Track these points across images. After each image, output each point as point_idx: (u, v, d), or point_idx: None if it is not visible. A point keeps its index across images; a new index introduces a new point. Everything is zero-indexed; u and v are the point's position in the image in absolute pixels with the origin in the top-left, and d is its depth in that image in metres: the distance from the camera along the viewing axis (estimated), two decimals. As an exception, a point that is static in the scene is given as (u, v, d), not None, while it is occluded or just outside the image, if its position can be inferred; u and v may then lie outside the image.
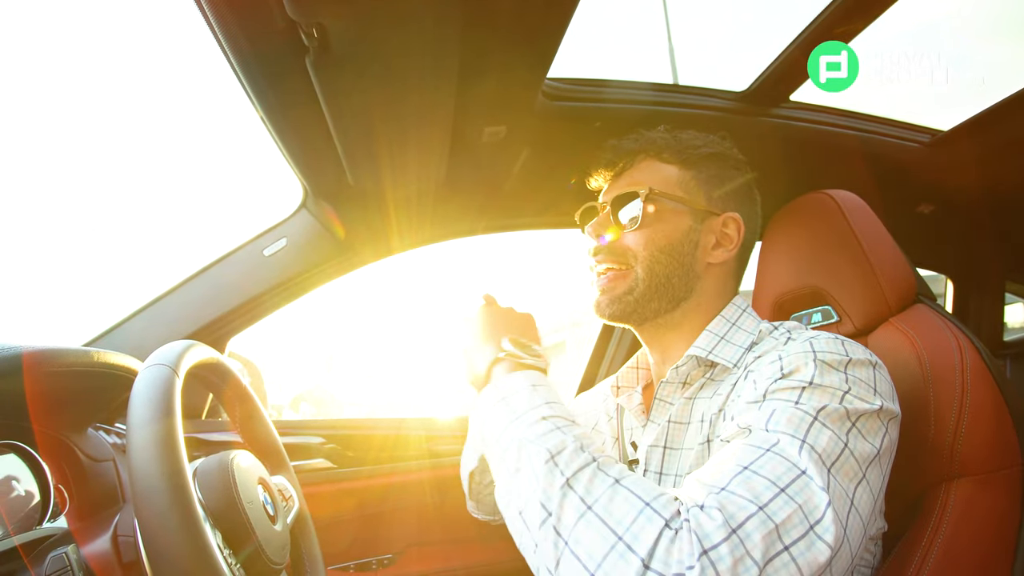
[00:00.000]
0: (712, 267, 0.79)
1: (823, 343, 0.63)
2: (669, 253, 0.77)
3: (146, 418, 0.53)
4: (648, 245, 0.77)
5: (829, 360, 0.60)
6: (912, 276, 0.84)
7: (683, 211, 0.78)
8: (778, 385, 0.58)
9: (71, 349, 0.77)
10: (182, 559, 0.48)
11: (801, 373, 0.59)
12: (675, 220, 0.78)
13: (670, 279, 0.77)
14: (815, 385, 0.57)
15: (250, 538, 0.62)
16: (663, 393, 0.80)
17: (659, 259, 0.77)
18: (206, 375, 0.80)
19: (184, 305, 1.18)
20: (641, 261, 0.77)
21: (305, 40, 0.66)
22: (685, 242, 0.77)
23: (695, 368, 0.76)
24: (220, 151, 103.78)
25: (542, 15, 0.74)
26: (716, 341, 0.75)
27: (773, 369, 0.61)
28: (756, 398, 0.59)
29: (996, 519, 0.68)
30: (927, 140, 1.24)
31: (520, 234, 1.43)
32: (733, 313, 0.79)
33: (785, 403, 0.56)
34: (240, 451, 0.73)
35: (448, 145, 0.96)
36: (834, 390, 0.57)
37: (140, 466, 0.50)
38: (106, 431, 0.93)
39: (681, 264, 0.77)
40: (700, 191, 0.79)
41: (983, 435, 0.68)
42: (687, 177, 0.79)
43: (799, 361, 0.60)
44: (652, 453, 0.77)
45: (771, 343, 0.72)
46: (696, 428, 0.72)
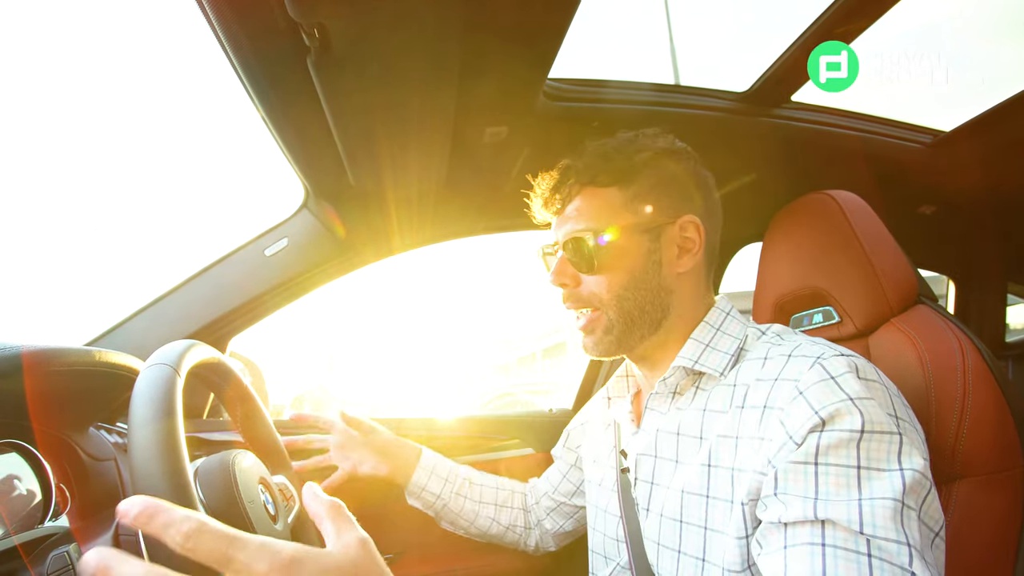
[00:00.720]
0: (683, 276, 0.77)
1: (833, 364, 0.60)
2: (634, 288, 0.74)
3: (147, 417, 0.53)
4: (611, 287, 0.75)
5: (858, 393, 0.57)
6: (913, 277, 0.84)
7: (636, 235, 0.74)
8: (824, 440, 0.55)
9: (72, 348, 0.77)
10: None
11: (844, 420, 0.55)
12: (631, 248, 0.74)
13: (643, 309, 0.75)
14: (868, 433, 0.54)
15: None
16: (654, 403, 0.79)
17: (626, 296, 0.74)
18: (207, 375, 0.80)
19: (185, 305, 1.18)
20: (608, 304, 0.75)
21: (306, 40, 0.66)
22: (647, 266, 0.75)
23: (683, 378, 0.75)
24: (221, 151, 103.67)
25: (543, 15, 0.74)
26: (701, 349, 0.74)
27: (802, 411, 0.57)
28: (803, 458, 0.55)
29: (997, 520, 0.68)
30: (929, 141, 1.24)
31: (520, 234, 1.43)
32: (717, 318, 0.76)
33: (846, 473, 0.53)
34: (241, 451, 0.73)
35: (449, 145, 0.96)
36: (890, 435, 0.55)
37: (141, 465, 0.50)
38: (107, 430, 0.93)
39: (649, 290, 0.75)
40: (647, 205, 0.75)
41: (985, 436, 0.68)
42: (630, 195, 0.75)
43: (827, 397, 0.57)
44: (642, 461, 0.76)
45: (762, 349, 0.70)
46: (693, 444, 0.70)
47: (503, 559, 1.30)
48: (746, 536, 0.60)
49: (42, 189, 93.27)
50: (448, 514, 1.06)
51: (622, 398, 0.90)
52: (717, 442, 0.66)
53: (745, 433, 0.63)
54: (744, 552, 0.59)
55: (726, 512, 0.62)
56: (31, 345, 0.69)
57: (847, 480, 0.53)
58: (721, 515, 0.63)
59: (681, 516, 0.67)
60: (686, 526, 0.67)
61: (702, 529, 0.65)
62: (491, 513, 1.07)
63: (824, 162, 1.23)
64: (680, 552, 0.67)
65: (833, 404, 0.56)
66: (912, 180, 1.34)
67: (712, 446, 0.66)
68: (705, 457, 0.66)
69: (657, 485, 0.74)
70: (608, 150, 0.77)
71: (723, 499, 0.63)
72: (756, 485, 0.59)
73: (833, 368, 0.59)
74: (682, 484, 0.68)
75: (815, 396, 0.58)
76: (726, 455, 0.64)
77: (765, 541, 0.56)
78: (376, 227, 1.21)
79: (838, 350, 0.63)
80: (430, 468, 1.05)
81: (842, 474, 0.53)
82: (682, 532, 0.67)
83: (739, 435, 0.64)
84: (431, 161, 1.00)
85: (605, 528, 0.86)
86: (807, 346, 0.65)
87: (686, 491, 0.67)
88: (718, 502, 0.64)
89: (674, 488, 0.70)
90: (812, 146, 1.17)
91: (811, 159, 1.22)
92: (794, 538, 0.53)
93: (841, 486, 0.53)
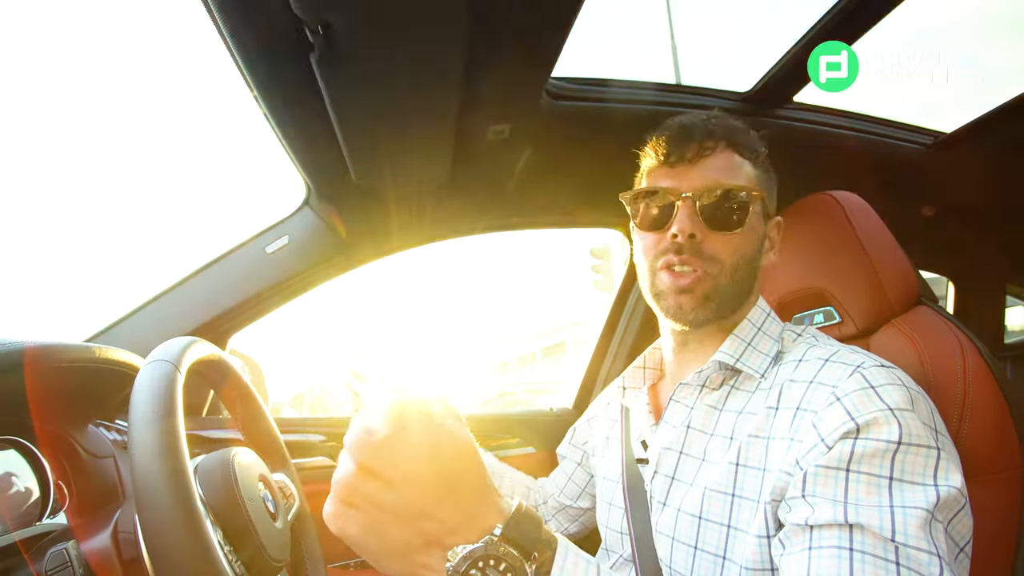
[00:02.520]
0: (762, 269, 0.78)
1: (874, 374, 0.59)
2: (751, 261, 0.73)
3: (148, 414, 0.53)
4: (737, 251, 0.71)
5: (899, 404, 0.56)
6: (914, 278, 0.84)
7: (761, 215, 0.74)
8: (859, 448, 0.54)
9: (73, 345, 0.77)
10: (183, 557, 0.48)
11: (881, 429, 0.54)
12: (758, 224, 0.74)
13: (744, 284, 0.74)
14: (905, 446, 0.53)
15: (251, 535, 0.62)
16: (681, 395, 0.77)
17: (742, 267, 0.72)
18: (208, 372, 0.80)
19: (186, 302, 1.18)
20: (727, 268, 0.71)
21: (310, 38, 0.66)
22: (760, 247, 0.75)
23: (715, 372, 0.74)
24: (223, 148, 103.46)
25: (547, 14, 0.74)
26: (743, 348, 0.72)
27: (837, 415, 0.56)
28: (834, 463, 0.54)
29: (997, 520, 0.68)
30: (930, 142, 1.24)
31: (521, 233, 1.43)
32: (759, 316, 0.76)
33: (878, 482, 0.52)
34: (241, 448, 0.72)
35: (451, 143, 0.96)
36: (928, 449, 0.54)
37: (142, 463, 0.50)
38: (106, 427, 0.93)
39: (755, 270, 0.75)
40: (767, 192, 0.75)
41: (985, 436, 0.68)
42: (759, 176, 0.75)
43: (865, 406, 0.56)
44: (665, 456, 0.75)
45: (798, 351, 0.69)
46: (722, 443, 0.69)
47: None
48: (767, 536, 0.59)
49: (43, 185, 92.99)
50: None
51: (638, 389, 0.89)
52: (748, 442, 0.65)
53: (776, 434, 0.63)
54: (764, 551, 0.59)
55: (752, 511, 0.62)
56: (31, 341, 0.69)
57: (878, 488, 0.52)
58: (747, 514, 0.63)
59: (701, 513, 0.67)
60: (705, 523, 0.66)
61: (724, 527, 0.64)
62: None
63: (825, 163, 1.23)
64: (697, 548, 0.66)
65: (871, 412, 0.55)
66: (913, 181, 1.34)
67: (742, 446, 0.65)
68: (734, 456, 0.66)
69: (678, 481, 0.73)
70: (742, 126, 0.76)
71: (750, 498, 0.63)
72: (781, 485, 0.58)
73: (874, 378, 0.58)
74: (706, 482, 0.67)
75: (853, 403, 0.56)
76: (756, 455, 0.64)
77: (789, 542, 0.55)
78: (377, 225, 1.21)
79: (878, 360, 0.62)
80: None
81: (873, 482, 0.53)
82: (700, 528, 0.66)
83: (770, 435, 0.63)
84: (433, 159, 1.00)
85: (609, 521, 0.86)
86: (846, 353, 0.64)
87: (709, 488, 0.66)
88: (745, 501, 0.63)
89: (697, 485, 0.69)
90: (813, 147, 1.18)
91: (812, 160, 1.22)
92: (820, 540, 0.52)
93: (872, 493, 0.52)
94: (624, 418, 0.90)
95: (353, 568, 1.26)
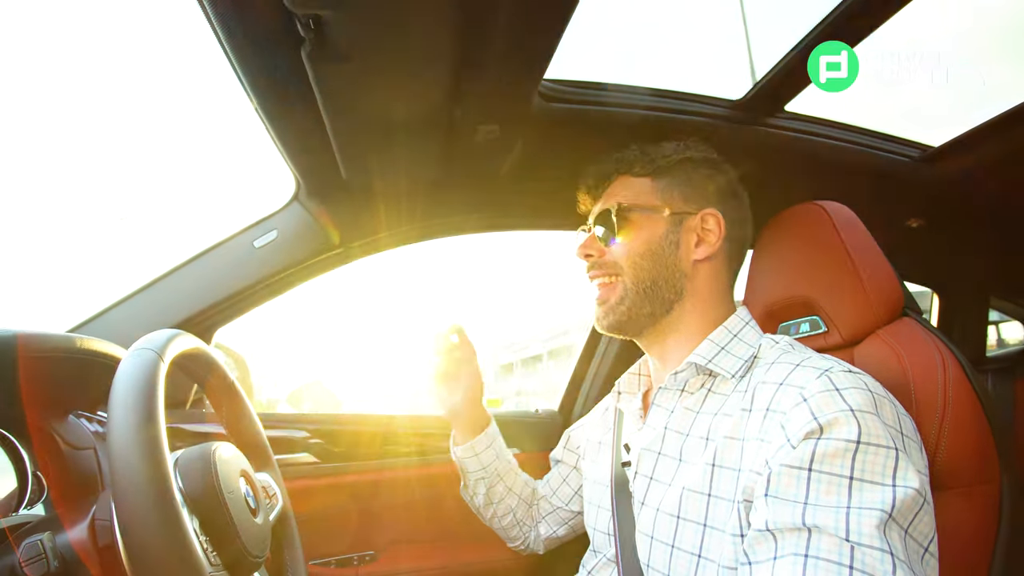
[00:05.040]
0: (700, 264, 0.82)
1: (840, 377, 0.61)
2: (650, 258, 0.80)
3: (129, 400, 0.52)
4: (629, 254, 0.81)
5: (860, 405, 0.58)
6: (900, 289, 0.85)
7: (657, 217, 0.81)
8: (820, 448, 0.56)
9: (54, 335, 0.76)
10: (156, 544, 0.48)
11: (841, 429, 0.56)
12: (650, 226, 0.81)
13: (656, 282, 0.80)
14: (864, 445, 0.55)
15: (228, 527, 0.61)
16: (660, 399, 0.81)
17: (641, 265, 0.80)
18: (192, 366, 0.79)
19: (171, 294, 1.16)
20: (626, 270, 0.81)
21: (301, 31, 0.65)
22: (664, 244, 0.81)
23: (693, 375, 0.77)
24: (212, 142, 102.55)
25: (541, 15, 0.74)
26: (716, 351, 0.76)
27: (802, 416, 0.59)
28: (796, 462, 0.56)
29: (974, 532, 0.68)
30: (918, 155, 1.25)
31: (511, 243, 1.42)
32: (736, 325, 0.79)
33: (838, 482, 0.54)
34: (223, 443, 0.72)
35: (442, 142, 0.96)
36: (888, 449, 0.55)
37: (120, 450, 0.50)
38: (87, 419, 0.92)
39: (665, 266, 0.80)
40: (674, 196, 0.82)
41: (963, 449, 0.69)
42: (660, 186, 0.83)
43: (828, 406, 0.58)
44: (644, 456, 0.77)
45: (772, 355, 0.72)
46: (699, 444, 0.71)
47: (486, 556, 1.30)
48: (741, 535, 0.61)
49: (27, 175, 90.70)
50: (478, 485, 1.05)
51: (632, 394, 0.92)
52: (723, 443, 0.67)
53: (749, 435, 0.65)
54: (739, 550, 0.60)
55: (727, 511, 0.64)
56: (9, 331, 0.68)
57: (838, 488, 0.54)
58: (723, 513, 0.64)
59: (679, 512, 0.68)
60: (683, 522, 0.68)
61: (700, 526, 0.66)
62: (513, 504, 1.07)
63: (815, 172, 1.24)
64: (674, 547, 0.68)
65: (833, 413, 0.57)
66: (900, 193, 1.35)
67: (718, 447, 0.67)
68: (710, 457, 0.67)
69: (657, 481, 0.75)
70: (650, 148, 0.85)
71: (726, 498, 0.64)
72: (751, 485, 0.60)
73: (840, 381, 0.61)
74: (683, 482, 0.69)
75: (817, 404, 0.59)
76: (731, 456, 0.66)
77: (752, 551, 0.56)
78: (367, 222, 1.21)
79: (847, 366, 0.65)
80: (492, 436, 1.06)
81: (833, 482, 0.54)
82: (678, 527, 0.68)
83: (744, 437, 0.65)
84: (423, 157, 0.99)
85: (596, 523, 0.88)
86: (817, 359, 0.67)
87: (687, 488, 0.68)
88: (721, 501, 0.65)
89: (675, 485, 0.71)
90: (803, 156, 1.18)
91: (802, 169, 1.23)
92: (782, 548, 0.54)
93: (831, 493, 0.54)
94: (617, 422, 0.92)
95: (334, 565, 1.25)
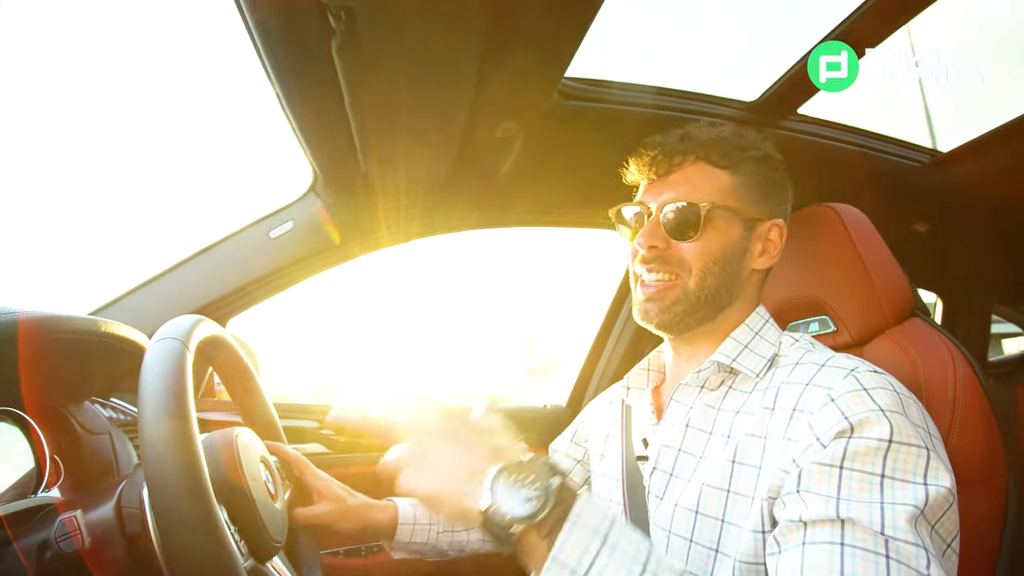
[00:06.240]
0: (755, 273, 0.80)
1: (867, 377, 0.61)
2: (722, 264, 0.76)
3: (159, 394, 0.53)
4: (702, 257, 0.75)
5: (889, 405, 0.58)
6: (909, 290, 0.86)
7: (735, 220, 0.77)
8: (852, 446, 0.56)
9: (75, 316, 0.76)
10: (194, 536, 0.49)
11: (873, 428, 0.56)
12: (728, 230, 0.76)
13: (719, 289, 0.77)
14: (896, 444, 0.55)
15: (254, 514, 0.62)
16: (680, 395, 0.80)
17: (712, 271, 0.76)
18: (210, 351, 0.80)
19: (187, 282, 1.17)
20: (694, 273, 0.76)
21: (332, 23, 0.66)
22: (736, 251, 0.77)
23: (714, 373, 0.77)
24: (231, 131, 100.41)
25: (565, 14, 0.75)
26: (740, 350, 0.75)
27: (832, 416, 0.59)
28: (828, 460, 0.56)
29: (981, 525, 0.70)
30: (927, 160, 1.27)
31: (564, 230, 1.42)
32: (757, 322, 0.79)
33: (870, 479, 0.54)
34: (243, 428, 0.73)
35: (461, 137, 0.96)
36: (919, 449, 0.56)
37: (153, 441, 0.50)
38: (102, 404, 0.92)
39: (730, 274, 0.77)
40: (750, 198, 0.78)
41: (972, 444, 0.70)
42: (737, 184, 0.78)
43: (858, 406, 0.58)
44: (664, 453, 0.77)
45: (795, 354, 0.72)
46: (720, 441, 0.71)
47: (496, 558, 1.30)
48: (762, 531, 0.61)
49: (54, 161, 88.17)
50: (436, 553, 1.02)
51: (641, 390, 0.91)
52: (744, 440, 0.67)
53: (773, 434, 0.65)
54: (759, 545, 0.61)
55: (746, 507, 0.64)
56: (30, 311, 0.68)
57: (869, 485, 0.54)
58: (741, 509, 0.64)
59: (698, 508, 0.68)
60: (701, 517, 0.68)
61: (719, 521, 0.66)
62: (483, 535, 1.04)
63: (826, 175, 1.25)
64: (692, 541, 0.68)
65: (863, 412, 0.57)
66: (909, 197, 1.37)
67: (739, 444, 0.67)
68: (731, 454, 0.68)
69: (676, 477, 0.75)
70: (727, 135, 0.79)
71: (745, 495, 0.65)
72: (778, 482, 0.60)
73: (867, 381, 0.61)
74: (703, 478, 0.69)
75: (846, 404, 0.59)
76: (752, 453, 0.66)
77: (783, 539, 0.56)
78: (385, 214, 1.21)
79: (871, 366, 0.65)
80: (411, 521, 0.99)
81: (865, 479, 0.55)
82: (696, 522, 0.68)
83: (767, 435, 0.65)
84: (443, 151, 1.00)
85: None
86: (841, 359, 0.67)
87: (706, 484, 0.68)
88: (739, 497, 0.65)
89: (694, 481, 0.71)
90: (815, 158, 1.20)
91: (814, 171, 1.23)
92: (813, 536, 0.54)
93: (863, 489, 0.54)
94: (625, 417, 0.91)
95: (342, 555, 1.26)
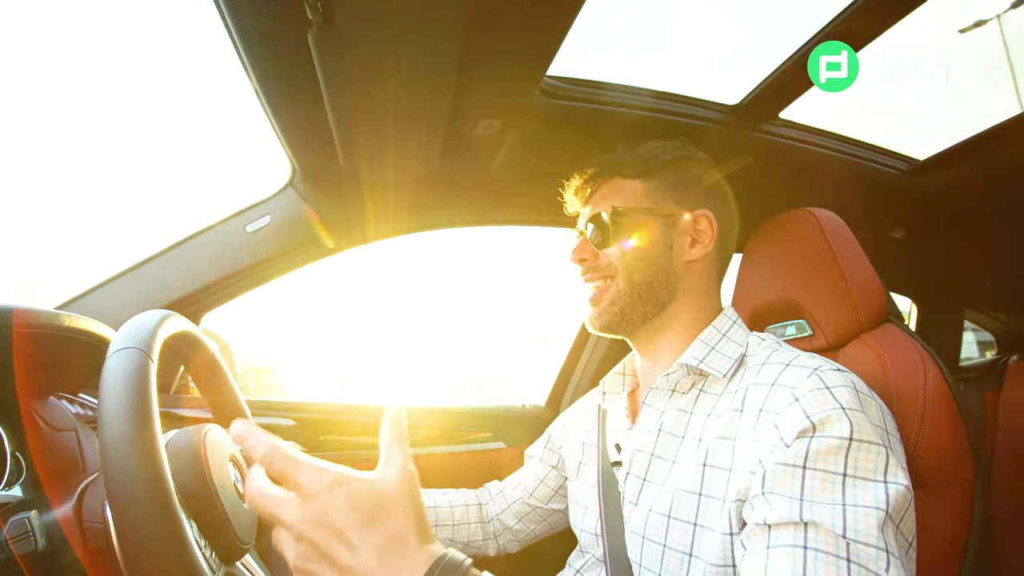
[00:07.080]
0: (692, 264, 0.82)
1: (830, 376, 0.63)
2: (644, 260, 0.81)
3: (118, 414, 0.50)
4: (624, 257, 0.81)
5: (850, 404, 0.60)
6: (884, 296, 0.87)
7: (651, 219, 0.82)
8: (814, 445, 0.57)
9: (39, 310, 0.74)
10: (156, 552, 0.47)
11: (834, 426, 0.58)
12: (644, 229, 0.82)
13: (651, 284, 0.80)
14: (856, 442, 0.57)
15: (221, 519, 0.61)
16: (652, 399, 0.81)
17: (636, 267, 0.80)
18: (179, 347, 0.78)
19: (161, 276, 1.14)
20: (621, 272, 0.81)
21: (309, 14, 0.65)
22: (659, 246, 0.81)
23: (684, 376, 0.78)
24: (208, 123, 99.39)
25: (547, 11, 0.75)
26: (707, 351, 0.77)
27: (795, 415, 0.60)
28: (791, 460, 0.57)
29: (947, 530, 0.71)
30: (905, 168, 1.29)
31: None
32: (724, 324, 0.80)
33: (832, 479, 0.55)
34: (212, 426, 0.71)
35: (442, 133, 0.95)
36: (878, 447, 0.57)
37: (116, 464, 0.47)
38: (69, 400, 0.90)
39: (659, 268, 0.81)
40: (666, 197, 0.83)
41: (940, 450, 0.71)
42: (651, 187, 0.83)
43: (820, 405, 0.60)
44: (637, 457, 0.77)
45: (762, 355, 0.73)
46: (692, 445, 0.72)
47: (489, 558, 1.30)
48: (731, 533, 0.61)
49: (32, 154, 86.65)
50: None
51: (617, 394, 0.92)
52: (715, 443, 0.68)
53: (742, 435, 0.66)
54: (727, 548, 0.61)
55: (717, 510, 0.64)
56: (6, 305, 0.66)
57: (832, 484, 0.55)
58: (713, 513, 0.65)
59: (670, 512, 0.69)
60: (674, 521, 0.68)
61: (691, 525, 0.67)
62: (448, 534, 1.04)
63: (805, 179, 1.26)
64: (666, 546, 0.69)
65: (825, 411, 0.59)
66: (886, 204, 1.39)
67: (710, 447, 0.68)
68: (702, 457, 0.68)
69: (649, 482, 0.75)
70: (637, 149, 0.85)
71: (716, 498, 0.65)
72: (745, 484, 0.61)
73: (829, 379, 0.63)
74: (676, 483, 0.70)
75: (809, 402, 0.60)
76: (723, 456, 0.66)
77: (749, 543, 0.57)
78: (364, 210, 1.19)
79: (835, 365, 0.66)
80: None
81: (828, 479, 0.56)
82: (669, 527, 0.69)
83: (736, 437, 0.66)
84: (423, 147, 0.99)
85: (584, 523, 0.87)
86: (806, 358, 0.69)
87: (679, 489, 0.69)
88: (711, 500, 0.66)
89: (668, 486, 0.71)
90: (795, 163, 1.21)
91: (793, 176, 1.25)
92: (777, 539, 0.54)
93: (826, 490, 0.55)
94: (601, 422, 0.92)
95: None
